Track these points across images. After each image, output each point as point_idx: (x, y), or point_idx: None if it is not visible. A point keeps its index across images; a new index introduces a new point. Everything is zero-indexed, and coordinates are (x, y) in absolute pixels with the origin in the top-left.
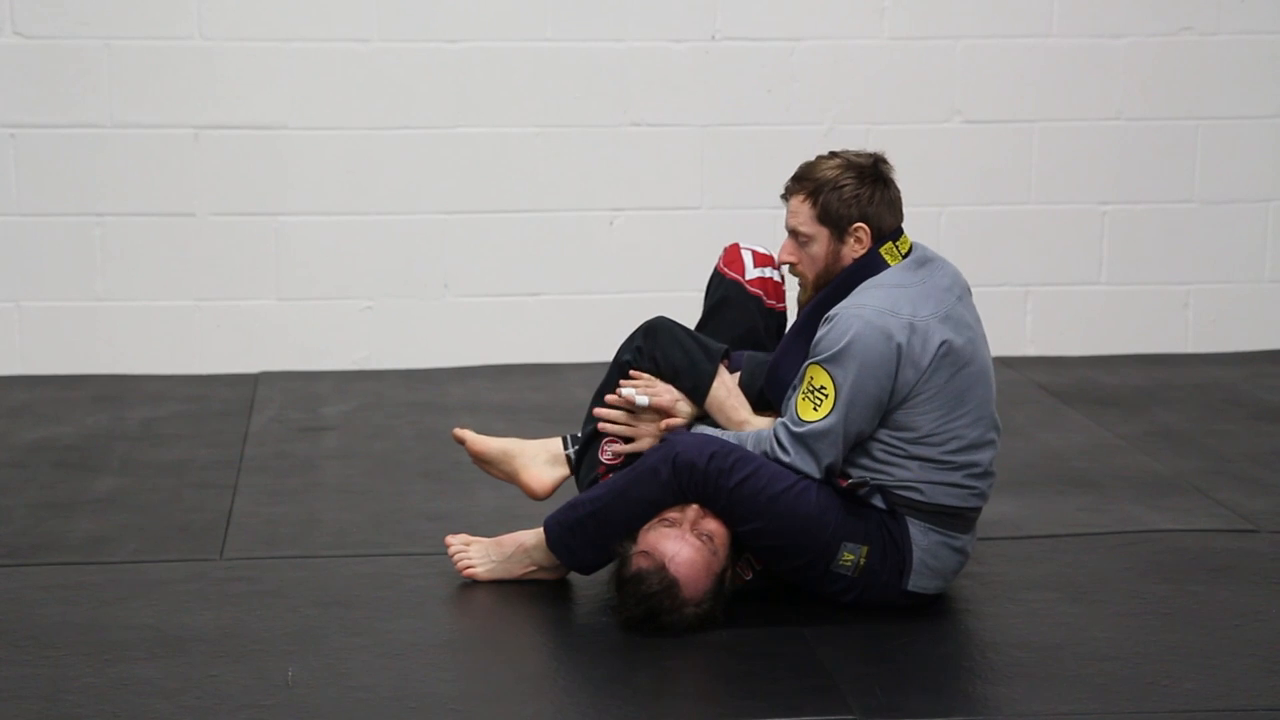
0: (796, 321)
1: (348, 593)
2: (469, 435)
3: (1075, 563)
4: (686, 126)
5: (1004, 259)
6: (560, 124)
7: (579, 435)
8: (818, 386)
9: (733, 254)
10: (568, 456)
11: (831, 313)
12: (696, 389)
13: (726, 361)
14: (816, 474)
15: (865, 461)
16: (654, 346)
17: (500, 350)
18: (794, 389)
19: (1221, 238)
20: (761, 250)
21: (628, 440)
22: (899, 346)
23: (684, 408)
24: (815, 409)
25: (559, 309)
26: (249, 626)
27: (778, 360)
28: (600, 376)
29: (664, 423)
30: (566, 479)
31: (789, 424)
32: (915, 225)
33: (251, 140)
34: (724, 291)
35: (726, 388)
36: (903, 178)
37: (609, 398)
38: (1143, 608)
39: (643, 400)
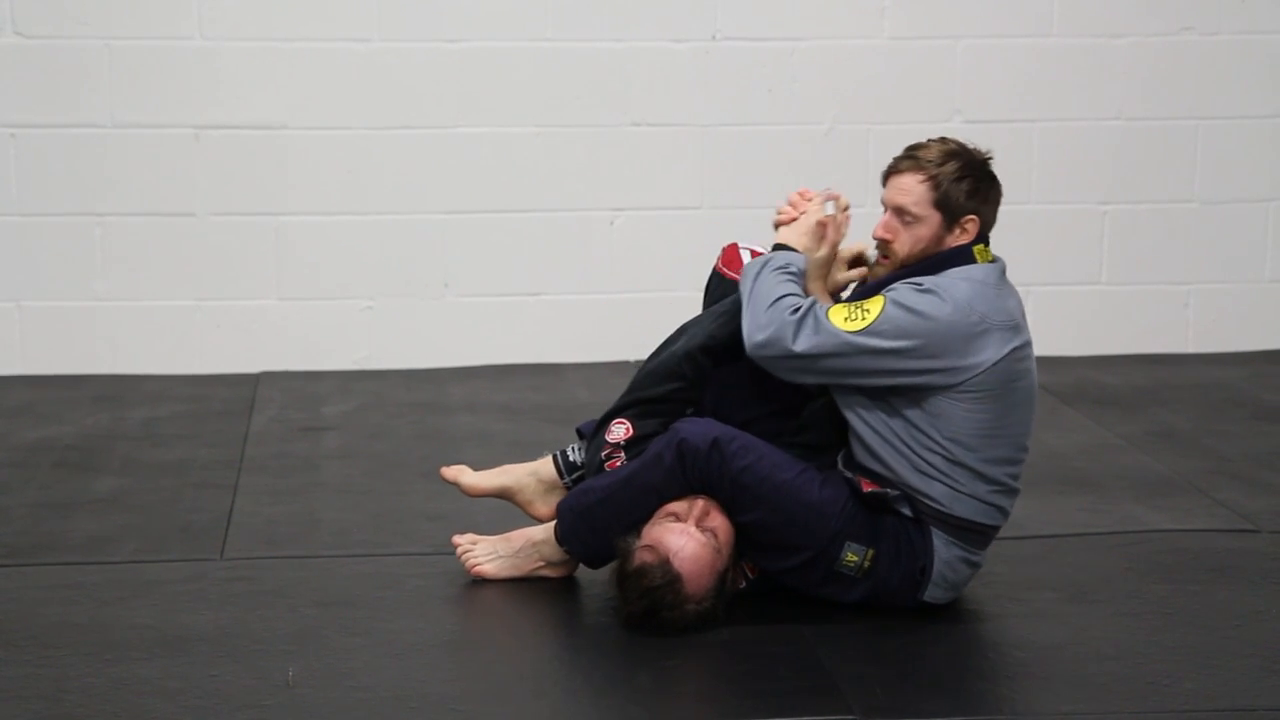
0: (867, 287)
1: (348, 593)
2: (463, 479)
3: (1075, 563)
4: (686, 126)
5: (1004, 259)
6: (560, 124)
7: (566, 452)
8: (866, 307)
9: (731, 253)
10: (566, 485)
11: (921, 278)
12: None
13: None
14: (790, 347)
15: (899, 461)
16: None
17: (500, 350)
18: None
19: (1221, 238)
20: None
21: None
22: (974, 327)
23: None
24: (846, 320)
25: (559, 309)
26: (249, 626)
27: None
28: (600, 376)
29: (825, 198)
30: None
31: (818, 314)
32: None
33: (251, 140)
34: (723, 291)
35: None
36: None
37: (796, 193)
38: (1143, 608)
39: (829, 208)
